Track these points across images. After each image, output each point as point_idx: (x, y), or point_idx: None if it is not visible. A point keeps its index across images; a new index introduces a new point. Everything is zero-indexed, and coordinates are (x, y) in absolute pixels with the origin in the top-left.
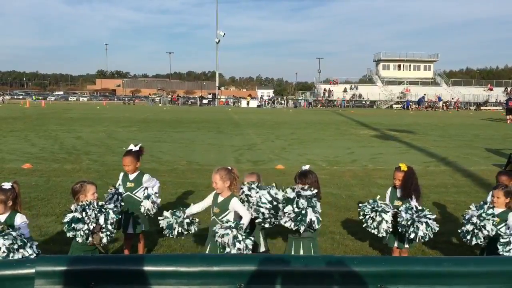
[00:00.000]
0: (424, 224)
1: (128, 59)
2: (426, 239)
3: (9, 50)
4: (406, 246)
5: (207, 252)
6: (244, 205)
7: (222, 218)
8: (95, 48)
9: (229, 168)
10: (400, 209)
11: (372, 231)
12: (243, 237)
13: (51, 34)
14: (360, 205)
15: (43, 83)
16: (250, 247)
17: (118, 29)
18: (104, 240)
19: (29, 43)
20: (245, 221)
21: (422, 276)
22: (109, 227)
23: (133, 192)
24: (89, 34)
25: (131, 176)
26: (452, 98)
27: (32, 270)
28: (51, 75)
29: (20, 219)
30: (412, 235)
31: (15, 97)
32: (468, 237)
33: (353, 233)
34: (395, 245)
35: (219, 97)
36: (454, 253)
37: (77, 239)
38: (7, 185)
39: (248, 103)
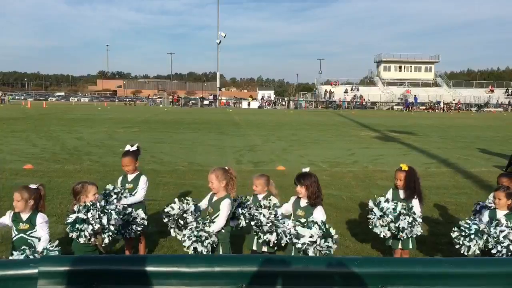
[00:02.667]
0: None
1: (129, 60)
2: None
3: (10, 51)
4: (410, 247)
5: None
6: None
7: (215, 218)
8: (96, 49)
9: (226, 168)
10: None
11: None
12: (202, 240)
13: (53, 34)
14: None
15: (44, 84)
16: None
17: (119, 29)
18: (106, 241)
19: (31, 44)
20: (215, 227)
21: (423, 277)
22: (111, 227)
23: (134, 193)
24: (90, 35)
25: (130, 177)
26: (453, 100)
27: (35, 270)
28: (52, 76)
29: (41, 219)
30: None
31: (16, 97)
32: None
33: (354, 234)
34: (400, 246)
35: (220, 98)
36: (455, 254)
37: (80, 239)
38: (33, 186)
39: (249, 104)
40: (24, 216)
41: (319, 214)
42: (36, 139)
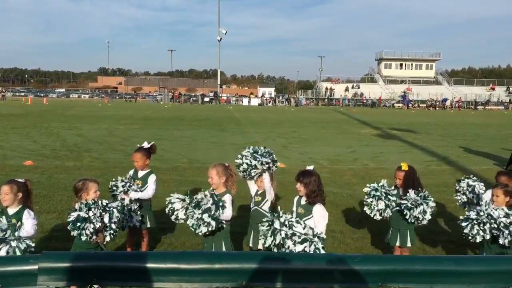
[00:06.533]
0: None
1: (130, 57)
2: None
3: (11, 47)
4: (409, 245)
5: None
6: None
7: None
8: (97, 45)
9: (226, 164)
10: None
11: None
12: (207, 218)
13: (53, 31)
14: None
15: (45, 80)
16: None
17: (120, 26)
18: (108, 239)
19: (31, 40)
20: (223, 217)
21: (422, 274)
22: (113, 226)
23: (141, 189)
24: (91, 31)
25: (140, 173)
26: (454, 97)
27: (35, 267)
28: (53, 72)
29: (27, 215)
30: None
31: (17, 94)
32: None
33: (354, 231)
34: (397, 243)
35: (220, 95)
36: (455, 252)
37: (82, 237)
38: (19, 180)
39: (249, 101)
40: (11, 211)
41: (318, 212)
42: (36, 136)
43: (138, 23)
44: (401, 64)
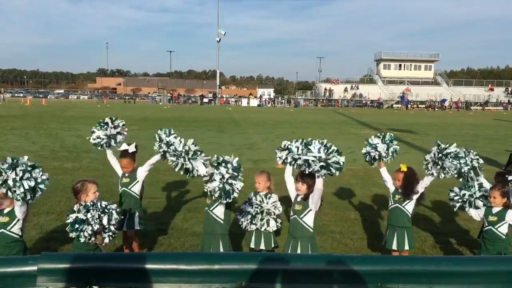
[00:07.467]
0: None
1: (129, 58)
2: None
3: (10, 48)
4: (406, 248)
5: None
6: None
7: (212, 209)
8: (96, 46)
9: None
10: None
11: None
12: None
13: (52, 32)
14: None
15: (44, 81)
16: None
17: (119, 27)
18: (107, 240)
19: (30, 41)
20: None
21: (421, 275)
22: (112, 228)
23: (129, 187)
24: (90, 32)
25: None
26: (451, 98)
27: (34, 268)
28: (52, 73)
29: (18, 211)
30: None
31: (16, 95)
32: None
33: (353, 232)
34: (393, 247)
35: (219, 96)
36: (454, 252)
37: (80, 239)
38: None
39: (248, 102)
40: (6, 210)
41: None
42: (35, 137)
43: (137, 24)
44: (400, 65)
